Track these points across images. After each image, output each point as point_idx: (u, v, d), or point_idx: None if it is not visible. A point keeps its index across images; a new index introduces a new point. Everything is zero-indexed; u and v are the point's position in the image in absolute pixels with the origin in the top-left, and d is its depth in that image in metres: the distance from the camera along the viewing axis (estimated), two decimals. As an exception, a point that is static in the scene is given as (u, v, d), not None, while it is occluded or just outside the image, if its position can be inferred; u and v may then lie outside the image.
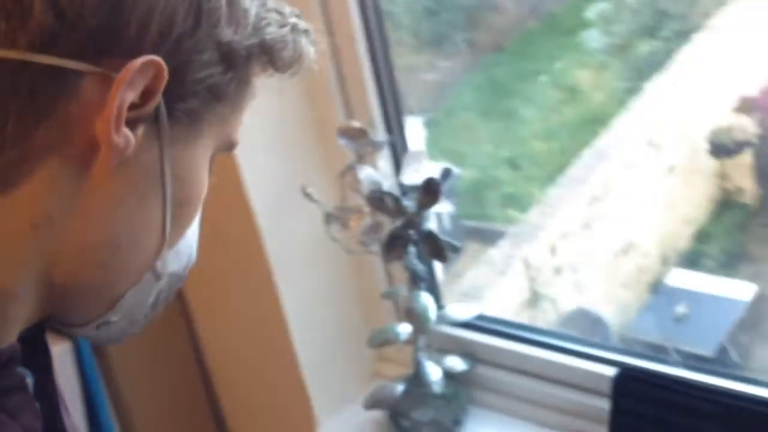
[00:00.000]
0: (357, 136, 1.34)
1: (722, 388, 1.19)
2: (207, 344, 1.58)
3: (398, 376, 1.45)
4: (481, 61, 4.18)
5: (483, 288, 3.00)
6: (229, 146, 0.69)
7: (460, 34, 4.08)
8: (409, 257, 1.35)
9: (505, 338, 1.44)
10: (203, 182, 0.67)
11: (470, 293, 2.93)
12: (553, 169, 3.57)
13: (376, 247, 1.36)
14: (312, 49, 0.69)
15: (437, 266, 1.51)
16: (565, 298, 3.16)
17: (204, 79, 0.61)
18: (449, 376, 1.40)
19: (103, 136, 0.57)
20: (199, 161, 0.65)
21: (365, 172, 1.33)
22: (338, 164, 1.39)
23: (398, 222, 1.31)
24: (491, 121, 3.93)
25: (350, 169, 1.35)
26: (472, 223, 3.96)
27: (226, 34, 0.61)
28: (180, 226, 0.66)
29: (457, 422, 1.39)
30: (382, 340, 1.39)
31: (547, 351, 1.40)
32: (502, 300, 3.04)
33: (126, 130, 0.58)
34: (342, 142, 1.33)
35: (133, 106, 0.58)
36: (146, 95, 0.58)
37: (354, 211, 1.36)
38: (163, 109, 0.59)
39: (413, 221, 1.30)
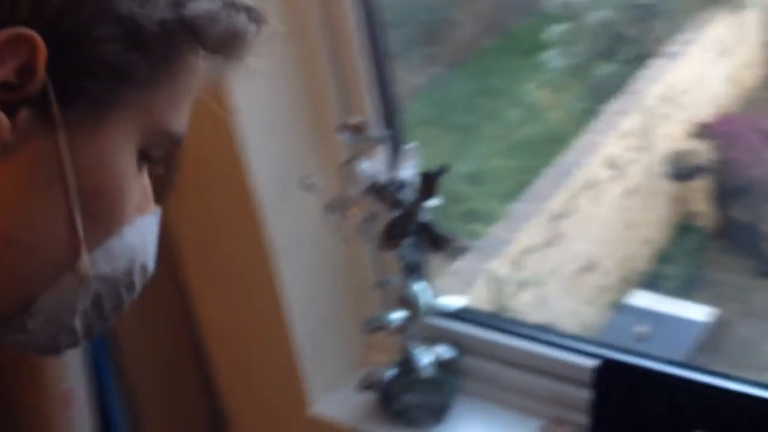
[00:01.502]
0: (356, 131, 1.48)
1: (699, 380, 1.33)
2: (206, 328, 1.70)
3: (386, 363, 1.58)
4: (439, 76, 4.35)
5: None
6: (166, 138, 0.64)
7: (418, 48, 4.24)
8: (404, 247, 1.49)
9: (491, 329, 1.58)
10: (122, 175, 0.62)
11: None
12: (513, 186, 3.73)
13: (370, 237, 1.50)
14: (253, 26, 0.65)
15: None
16: (529, 312, 3.28)
17: (101, 57, 0.57)
18: (437, 363, 1.54)
19: None
20: (112, 150, 0.61)
21: (364, 166, 1.47)
22: (335, 157, 1.52)
23: (395, 213, 1.45)
24: (450, 136, 4.09)
25: (349, 163, 1.49)
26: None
27: (127, 7, 0.58)
28: (100, 223, 0.62)
29: (445, 406, 1.53)
30: (376, 325, 1.53)
31: (532, 342, 1.54)
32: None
33: None
34: (342, 137, 1.47)
35: (9, 87, 0.55)
36: (24, 74, 0.55)
37: (353, 202, 1.49)
38: (50, 90, 0.56)
39: (410, 213, 1.44)
